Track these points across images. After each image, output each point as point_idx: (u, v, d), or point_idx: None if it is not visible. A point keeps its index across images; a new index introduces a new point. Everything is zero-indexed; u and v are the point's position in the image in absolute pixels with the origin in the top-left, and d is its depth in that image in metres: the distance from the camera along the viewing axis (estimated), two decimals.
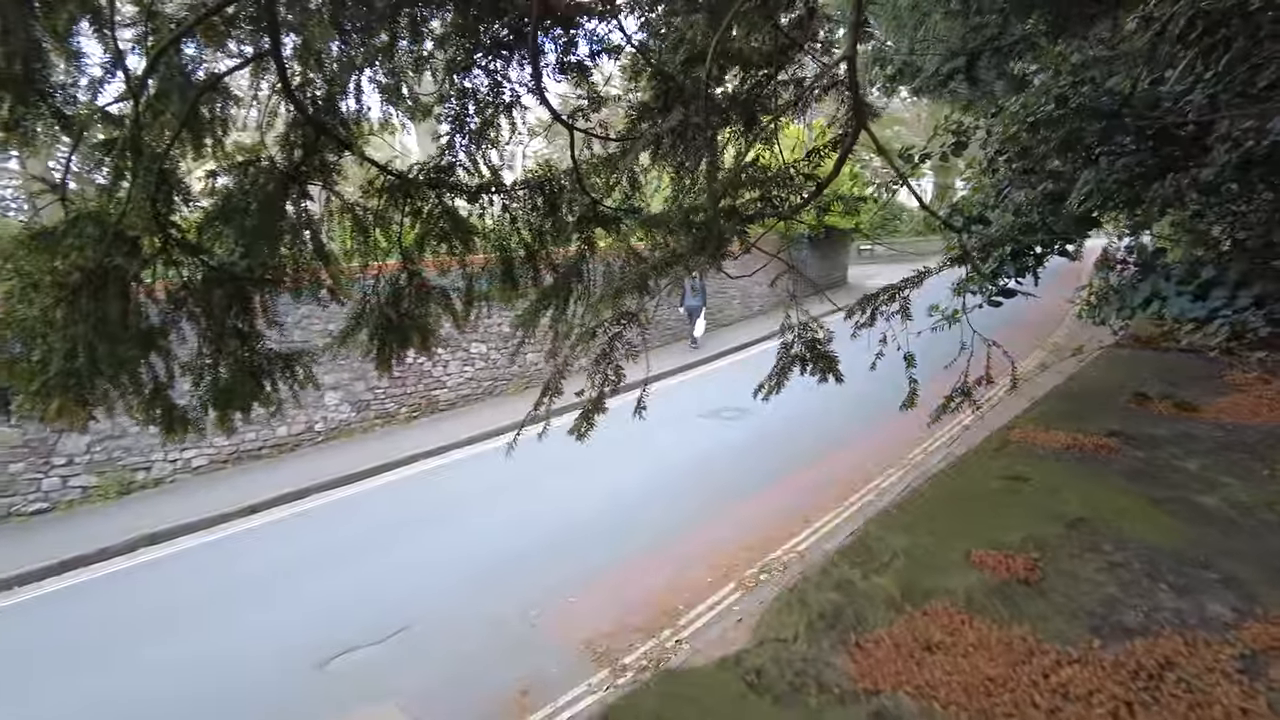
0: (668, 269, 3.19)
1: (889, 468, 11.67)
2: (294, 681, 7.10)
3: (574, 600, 8.15)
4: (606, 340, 3.25)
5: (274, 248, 3.02)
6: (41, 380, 2.40)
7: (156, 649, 7.87)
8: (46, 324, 2.39)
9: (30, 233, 2.41)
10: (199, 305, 2.80)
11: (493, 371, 17.66)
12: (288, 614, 8.36)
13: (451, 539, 10.06)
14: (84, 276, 2.41)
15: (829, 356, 3.51)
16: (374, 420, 15.52)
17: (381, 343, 3.46)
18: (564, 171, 3.60)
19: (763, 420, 14.17)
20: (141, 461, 12.65)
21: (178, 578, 9.73)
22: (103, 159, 2.70)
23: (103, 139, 2.74)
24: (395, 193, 3.29)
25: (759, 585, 8.25)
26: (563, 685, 6.82)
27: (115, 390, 2.79)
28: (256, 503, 11.72)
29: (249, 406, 3.31)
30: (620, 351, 3.46)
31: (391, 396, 15.75)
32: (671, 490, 11.20)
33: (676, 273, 3.33)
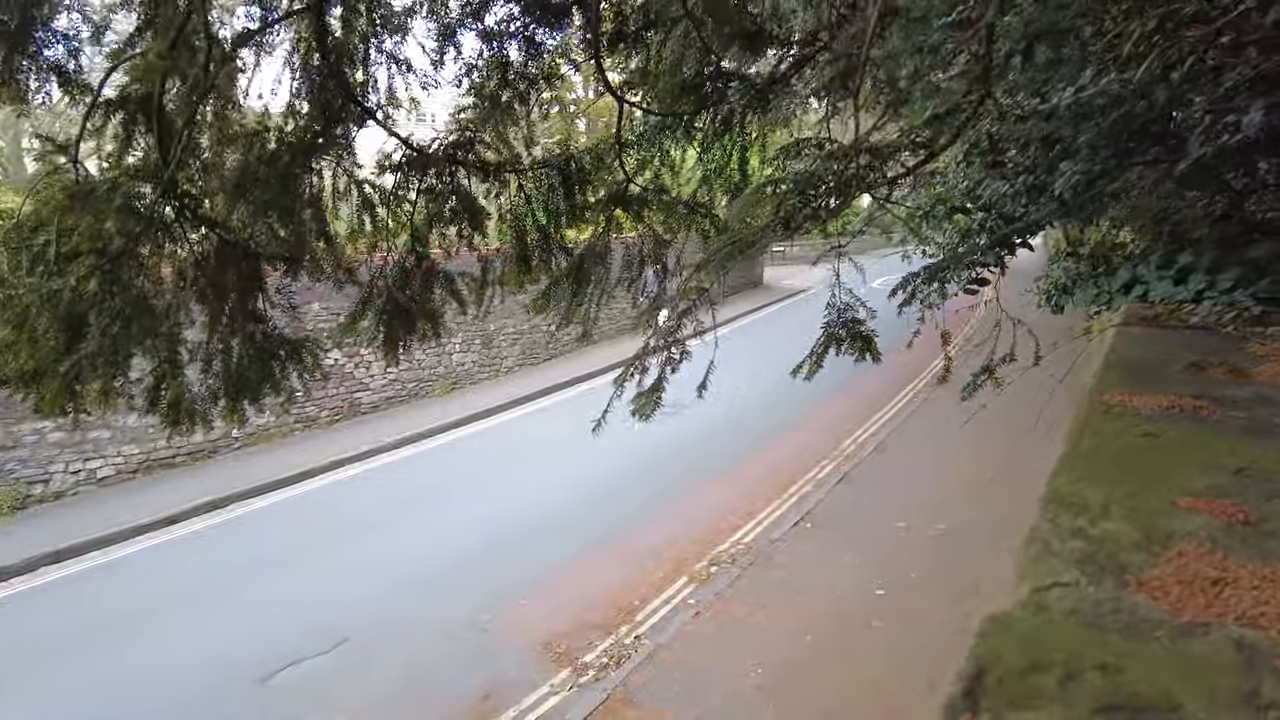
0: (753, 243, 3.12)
1: (822, 460, 11.96)
2: (236, 698, 6.69)
3: (526, 602, 7.99)
4: (676, 317, 3.15)
5: (291, 224, 2.80)
6: (71, 362, 2.12)
7: (76, 671, 7.27)
8: (77, 297, 2.13)
9: (71, 191, 2.13)
10: (212, 282, 2.55)
11: (418, 373, 17.15)
12: (223, 628, 7.87)
13: (390, 544, 9.70)
14: (127, 243, 2.15)
15: (867, 337, 3.54)
16: (294, 425, 14.81)
17: (388, 329, 3.27)
18: (584, 150, 3.50)
19: (699, 417, 14.23)
20: (38, 474, 11.65)
21: (93, 595, 9.00)
22: (112, 119, 2.44)
23: (114, 97, 2.47)
24: (412, 168, 3.11)
25: (711, 578, 8.30)
26: (524, 687, 6.67)
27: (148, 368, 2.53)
28: (175, 513, 10.98)
29: (262, 393, 3.06)
30: (689, 329, 3.35)
31: (312, 400, 15.06)
32: (614, 488, 11.14)
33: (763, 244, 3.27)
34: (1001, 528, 8.77)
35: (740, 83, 3.18)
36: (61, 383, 2.17)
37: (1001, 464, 10.85)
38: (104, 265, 2.12)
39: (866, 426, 13.45)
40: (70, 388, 2.20)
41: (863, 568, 8.14)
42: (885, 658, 6.51)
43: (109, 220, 2.06)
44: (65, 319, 2.12)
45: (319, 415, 15.23)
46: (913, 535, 8.84)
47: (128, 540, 10.52)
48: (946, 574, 7.83)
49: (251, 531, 10.65)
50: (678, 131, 3.35)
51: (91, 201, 2.08)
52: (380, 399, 16.39)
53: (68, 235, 2.13)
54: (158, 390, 2.67)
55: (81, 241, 2.09)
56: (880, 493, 10.24)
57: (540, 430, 14.77)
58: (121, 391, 2.41)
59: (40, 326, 2.12)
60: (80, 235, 2.07)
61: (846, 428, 13.40)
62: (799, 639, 6.90)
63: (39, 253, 2.21)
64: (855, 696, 6.04)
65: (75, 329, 2.20)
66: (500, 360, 19.20)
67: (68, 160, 2.44)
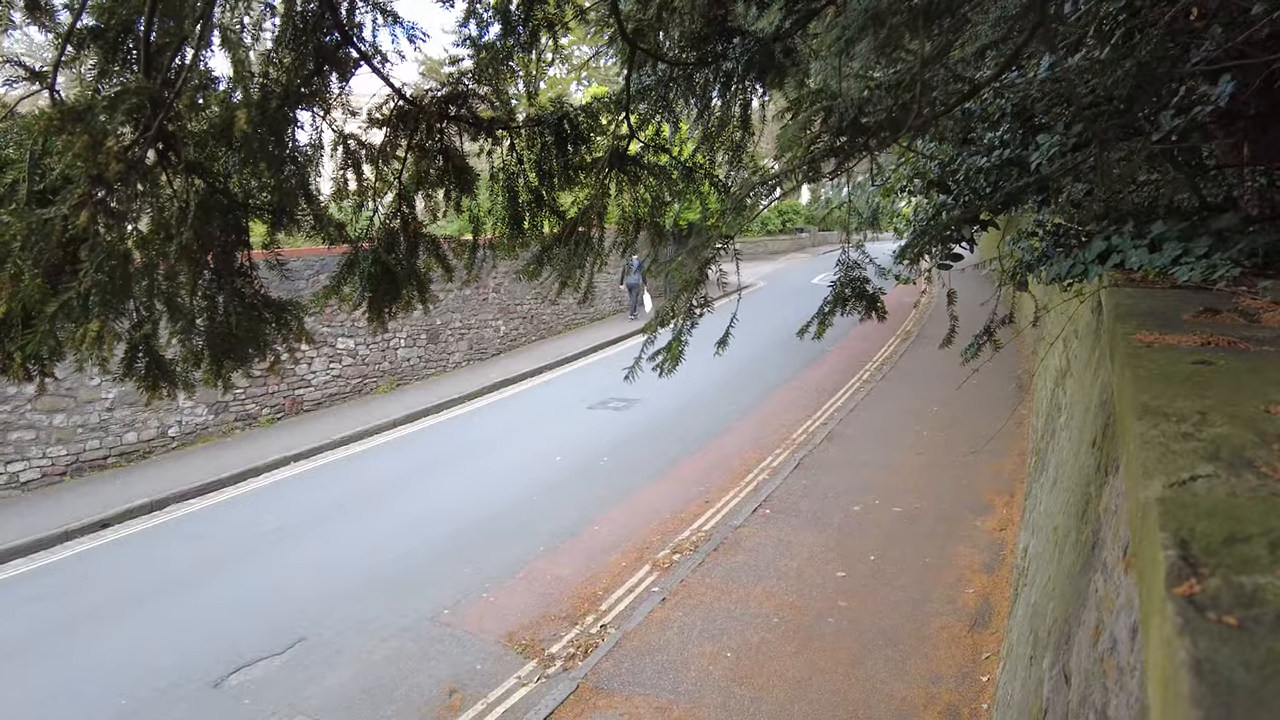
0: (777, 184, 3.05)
1: (775, 448, 12.06)
2: (186, 703, 6.39)
3: (489, 596, 7.83)
4: (697, 269, 3.07)
5: (279, 175, 2.62)
6: (61, 301, 1.90)
7: (10, 683, 6.84)
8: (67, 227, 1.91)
9: (62, 110, 1.91)
10: (196, 233, 2.35)
11: (362, 369, 16.70)
12: (168, 632, 7.51)
13: (343, 542, 9.40)
14: (126, 167, 1.94)
15: (873, 296, 3.53)
16: (234, 423, 14.25)
17: (374, 294, 3.10)
18: (580, 108, 3.38)
19: (650, 408, 14.28)
20: None
21: (21, 603, 8.49)
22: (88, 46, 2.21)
23: (91, 24, 2.25)
24: (403, 122, 2.96)
25: (674, 565, 8.27)
26: (491, 680, 6.54)
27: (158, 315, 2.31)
28: (108, 516, 10.44)
29: (249, 356, 2.85)
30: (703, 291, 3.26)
31: (253, 397, 14.53)
32: (570, 480, 11.03)
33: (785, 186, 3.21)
34: (950, 509, 9.02)
35: (744, 38, 3.14)
36: (49, 326, 1.96)
37: (943, 448, 11.15)
38: (99, 194, 1.92)
39: (816, 416, 13.62)
40: (54, 333, 2.00)
41: (823, 550, 8.22)
42: (852, 637, 6.58)
43: (109, 140, 1.87)
44: (55, 254, 1.93)
45: (260, 413, 14.71)
46: (868, 518, 8.98)
47: (56, 546, 9.98)
48: (904, 554, 7.98)
49: (193, 533, 10.20)
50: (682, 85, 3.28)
51: (87, 120, 1.88)
52: (324, 396, 15.91)
53: (56, 160, 1.93)
54: (134, 350, 2.47)
55: (73, 167, 1.89)
56: (834, 478, 10.37)
57: (492, 425, 14.55)
58: (120, 335, 2.22)
59: (25, 262, 1.92)
60: (75, 159, 1.87)
61: (797, 417, 13.55)
62: (767, 621, 6.93)
63: (7, 190, 2.01)
64: (825, 675, 6.08)
65: (62, 267, 2.00)
66: (447, 356, 18.84)
67: (44, 87, 2.23)
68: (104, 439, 12.32)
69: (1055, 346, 8.04)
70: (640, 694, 6.08)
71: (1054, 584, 3.24)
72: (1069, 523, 3.18)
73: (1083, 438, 3.53)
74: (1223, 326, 1.87)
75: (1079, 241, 3.89)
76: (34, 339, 1.99)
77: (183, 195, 2.26)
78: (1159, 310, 2.21)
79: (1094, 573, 1.96)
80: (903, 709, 5.67)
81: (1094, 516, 2.29)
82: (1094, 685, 1.49)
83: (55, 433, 11.81)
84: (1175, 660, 0.59)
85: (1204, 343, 1.67)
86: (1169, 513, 0.81)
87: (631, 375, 3.47)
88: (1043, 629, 3.18)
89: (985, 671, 5.98)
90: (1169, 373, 1.40)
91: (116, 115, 1.96)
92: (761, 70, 3.13)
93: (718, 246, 3.10)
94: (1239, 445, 1.00)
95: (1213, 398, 1.22)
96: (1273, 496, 0.84)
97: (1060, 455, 5.11)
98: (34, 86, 2.24)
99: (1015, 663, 4.57)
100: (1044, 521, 5.17)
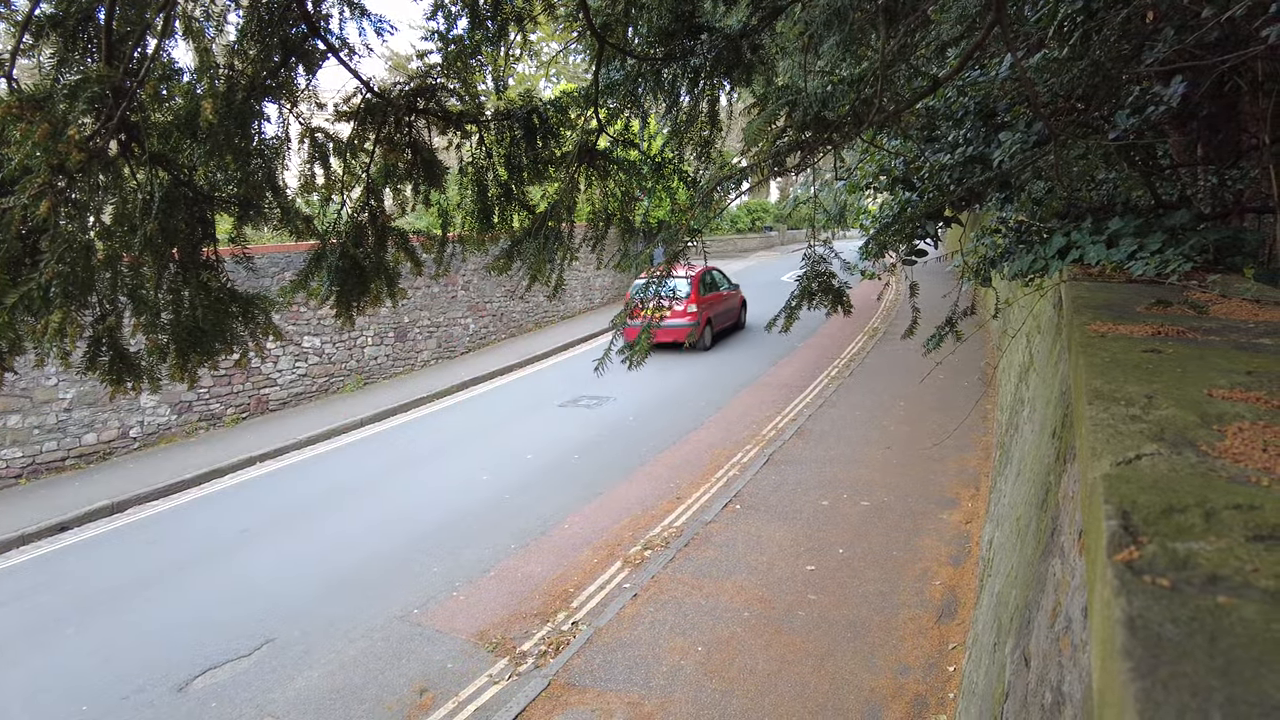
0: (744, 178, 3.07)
1: (745, 444, 12.15)
2: (151, 708, 6.28)
3: (458, 595, 7.80)
4: (663, 264, 3.08)
5: (246, 167, 2.58)
6: (21, 292, 1.86)
7: None
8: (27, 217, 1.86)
9: (20, 97, 1.85)
10: (161, 226, 2.30)
11: (327, 367, 16.50)
12: (130, 637, 7.37)
13: (307, 545, 9.29)
14: (88, 157, 1.90)
15: (839, 290, 3.58)
16: (198, 423, 14.01)
17: (341, 288, 3.07)
18: (549, 102, 3.38)
19: (621, 406, 14.31)
20: None
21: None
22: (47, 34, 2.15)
23: (49, 12, 2.19)
24: (371, 115, 2.93)
25: (645, 562, 8.31)
26: (462, 679, 6.51)
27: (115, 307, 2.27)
28: (67, 519, 10.22)
29: (215, 350, 2.80)
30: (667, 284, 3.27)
31: (216, 397, 14.29)
32: (540, 479, 11.00)
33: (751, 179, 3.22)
34: (917, 503, 9.16)
35: (711, 34, 3.17)
36: (8, 318, 1.91)
37: (910, 443, 11.32)
38: (60, 184, 1.89)
39: (785, 412, 13.73)
40: (13, 324, 1.95)
41: (792, 545, 8.31)
42: (821, 630, 6.66)
43: (71, 129, 1.83)
44: (14, 246, 1.89)
45: (224, 413, 14.49)
46: (837, 512, 9.09)
47: (11, 550, 9.76)
48: (872, 548, 8.09)
49: (156, 535, 10.02)
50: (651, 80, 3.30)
51: (47, 108, 1.84)
52: (289, 395, 15.71)
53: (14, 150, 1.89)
54: (98, 344, 2.42)
55: (32, 157, 1.85)
56: (803, 473, 10.47)
57: (461, 424, 14.46)
58: (83, 328, 2.17)
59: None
60: (34, 148, 1.83)
61: (767, 413, 13.66)
62: (737, 616, 6.98)
63: None
64: (796, 668, 6.15)
65: (21, 259, 1.96)
66: (415, 354, 18.70)
67: (1, 75, 2.18)
68: (61, 440, 12.05)
69: (1018, 341, 8.20)
70: (612, 690, 6.10)
71: (1016, 572, 3.32)
72: (1030, 512, 3.26)
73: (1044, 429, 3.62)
74: (1173, 317, 1.94)
75: (1040, 238, 3.98)
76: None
77: (146, 187, 2.23)
78: (1114, 302, 2.28)
79: (1052, 558, 2.02)
80: (871, 700, 5.75)
81: (1053, 504, 2.36)
82: (1050, 664, 1.54)
83: (9, 434, 11.53)
84: (1112, 619, 0.62)
85: (1155, 332, 1.73)
86: (1113, 488, 0.85)
87: (601, 367, 3.49)
88: (1005, 616, 3.26)
89: (952, 661, 6.09)
90: (1121, 360, 1.45)
91: (77, 104, 1.92)
92: (729, 66, 3.16)
93: (686, 240, 3.13)
94: (1182, 426, 1.05)
95: (1160, 383, 1.27)
96: (1210, 472, 0.88)
97: (1023, 448, 5.21)
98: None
99: (980, 651, 4.66)
100: (1008, 513, 5.27)
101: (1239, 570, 0.65)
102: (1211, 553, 0.68)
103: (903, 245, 4.42)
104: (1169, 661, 0.54)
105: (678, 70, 3.20)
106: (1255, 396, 1.17)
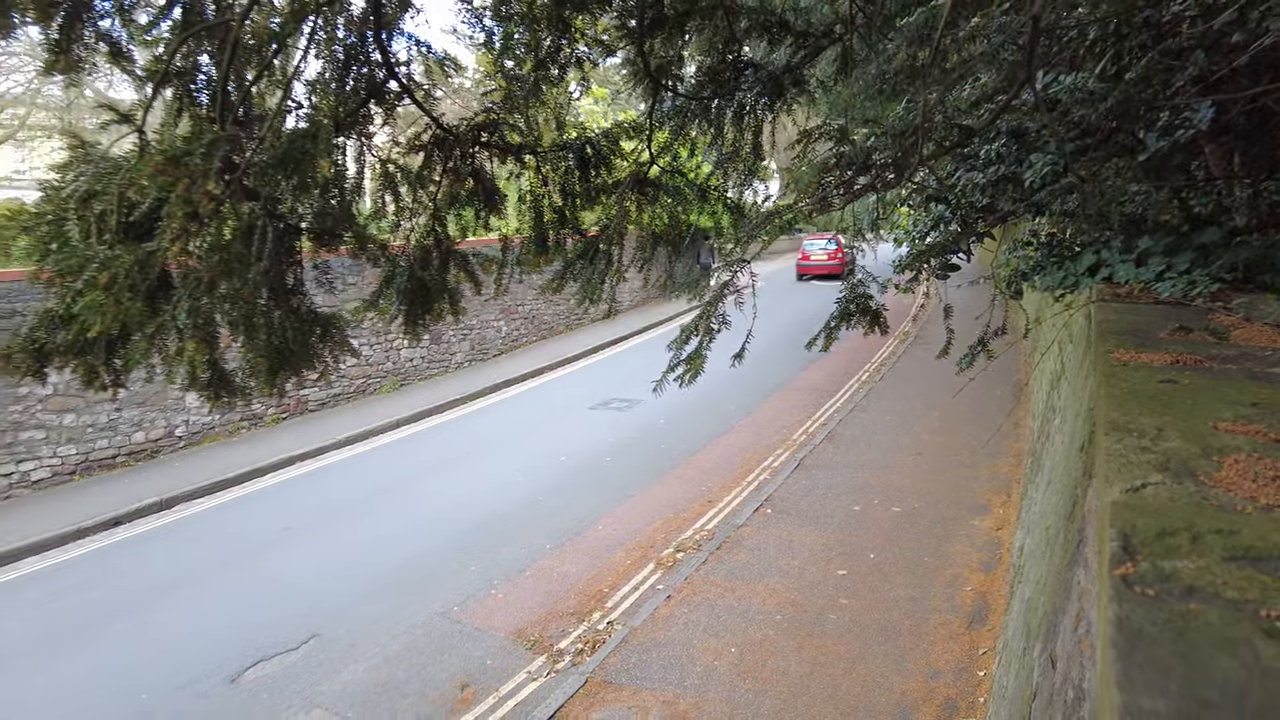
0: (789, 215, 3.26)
1: (776, 449, 12.26)
2: (206, 698, 6.58)
3: (496, 593, 8.03)
4: (719, 287, 3.27)
5: (330, 199, 2.81)
6: (158, 322, 2.11)
7: (36, 677, 7.04)
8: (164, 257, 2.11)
9: (165, 156, 2.10)
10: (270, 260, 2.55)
11: (365, 370, 16.89)
12: (183, 630, 7.70)
13: (347, 543, 9.59)
14: (216, 205, 2.15)
15: (876, 311, 3.74)
16: (239, 423, 14.44)
17: (409, 307, 3.30)
18: (601, 133, 3.59)
19: (652, 409, 14.46)
20: None
21: (39, 600, 8.67)
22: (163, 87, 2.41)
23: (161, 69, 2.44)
24: (439, 149, 3.16)
25: (678, 564, 8.47)
26: (502, 675, 6.73)
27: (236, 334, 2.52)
28: (120, 514, 10.63)
29: (302, 366, 3.05)
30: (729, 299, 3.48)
31: (257, 397, 14.70)
32: (574, 480, 11.22)
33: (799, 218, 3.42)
34: (948, 509, 9.23)
35: (756, 70, 3.35)
36: (147, 344, 2.16)
37: (942, 450, 11.36)
38: (192, 228, 2.13)
39: (816, 417, 13.82)
40: (150, 350, 2.20)
41: (824, 549, 8.43)
42: (853, 633, 6.79)
43: (210, 183, 2.08)
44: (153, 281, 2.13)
45: (265, 413, 14.90)
46: (868, 517, 9.19)
47: (69, 544, 10.16)
48: (903, 553, 8.19)
49: (202, 532, 10.39)
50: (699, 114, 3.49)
51: (184, 165, 2.08)
52: (328, 396, 16.11)
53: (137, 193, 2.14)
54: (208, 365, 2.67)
55: (172, 204, 2.09)
56: (835, 478, 10.58)
57: (495, 425, 14.73)
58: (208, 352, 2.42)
59: (128, 288, 2.12)
60: (177, 198, 2.07)
61: (798, 418, 13.76)
62: (770, 618, 7.13)
63: (99, 219, 2.21)
64: (828, 670, 6.29)
65: (155, 291, 2.21)
66: (449, 356, 19.05)
67: (132, 129, 2.43)
68: (113, 438, 12.51)
69: (1051, 350, 8.25)
70: (647, 688, 6.28)
71: (1045, 580, 3.45)
72: (1059, 522, 3.38)
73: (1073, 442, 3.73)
74: (1193, 344, 2.07)
75: (1070, 253, 4.10)
76: (133, 355, 2.19)
77: (246, 221, 2.46)
78: (1139, 327, 2.41)
79: (1077, 568, 2.15)
80: (902, 703, 5.87)
81: (1080, 516, 2.49)
82: (1074, 664, 1.68)
83: (65, 432, 11.99)
84: (1106, 619, 0.78)
85: (1173, 361, 1.87)
86: (1117, 513, 1.01)
87: (659, 388, 3.68)
88: (1034, 621, 3.38)
89: (982, 666, 6.19)
90: (1138, 391, 1.59)
91: (212, 160, 2.15)
92: (772, 99, 3.34)
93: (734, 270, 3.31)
94: (1185, 457, 1.20)
95: (1171, 414, 1.42)
96: (1203, 500, 1.03)
97: (1054, 457, 5.31)
98: (125, 128, 2.44)
99: (1010, 656, 4.77)
100: (1038, 521, 5.37)
101: (1211, 584, 0.81)
102: (1192, 569, 0.84)
103: (936, 261, 4.55)
104: (1143, 648, 0.70)
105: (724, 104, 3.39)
106: (1255, 430, 1.31)
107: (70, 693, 6.79)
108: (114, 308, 2.11)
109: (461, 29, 7.32)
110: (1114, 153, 3.99)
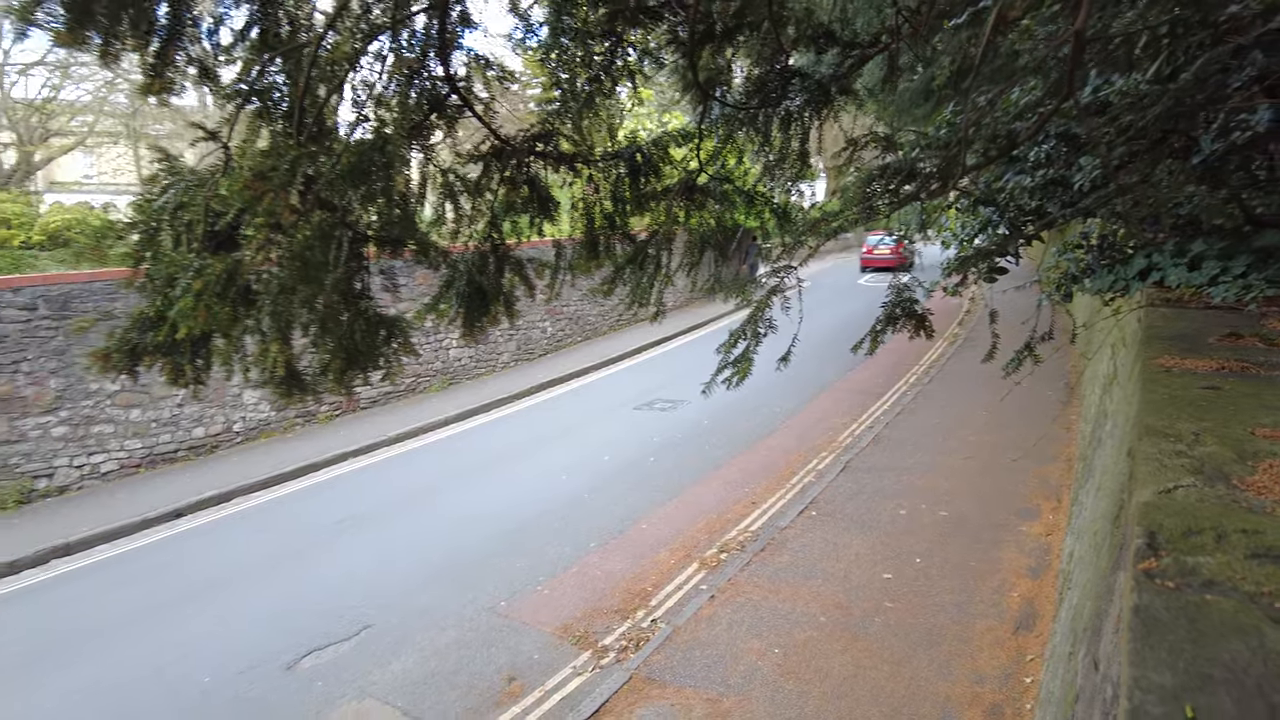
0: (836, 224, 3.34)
1: (821, 452, 12.21)
2: (264, 684, 6.85)
3: (542, 589, 8.18)
4: (765, 293, 3.37)
5: (395, 208, 2.98)
6: (244, 325, 2.30)
7: (103, 660, 7.39)
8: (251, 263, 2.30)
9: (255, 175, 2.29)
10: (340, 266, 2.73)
11: (415, 368, 17.26)
12: (239, 618, 8.01)
13: (401, 536, 9.85)
14: (297, 216, 2.33)
15: (921, 316, 3.79)
16: (294, 420, 14.90)
17: (467, 310, 3.45)
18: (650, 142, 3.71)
19: (695, 410, 14.50)
20: (42, 468, 11.69)
21: (107, 587, 9.10)
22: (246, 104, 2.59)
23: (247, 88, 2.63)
24: (496, 158, 3.30)
25: (721, 564, 8.53)
26: (547, 669, 6.87)
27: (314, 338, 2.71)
28: (181, 506, 11.07)
29: (366, 366, 3.23)
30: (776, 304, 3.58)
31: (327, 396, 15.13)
32: (618, 480, 11.33)
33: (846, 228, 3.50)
34: (996, 513, 9.12)
35: (802, 79, 3.42)
36: (233, 345, 2.34)
37: (990, 453, 11.21)
38: (275, 238, 2.30)
39: (862, 419, 13.73)
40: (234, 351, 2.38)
41: (869, 552, 8.40)
42: (898, 637, 6.77)
43: (292, 196, 2.25)
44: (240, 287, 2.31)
45: (318, 411, 15.32)
46: (914, 521, 9.12)
47: (135, 534, 10.61)
48: (950, 557, 8.12)
49: (259, 525, 10.76)
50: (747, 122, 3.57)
51: (269, 180, 2.25)
52: (379, 394, 16.49)
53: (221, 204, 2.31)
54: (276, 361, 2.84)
55: (260, 217, 2.26)
56: (881, 481, 10.52)
57: (540, 424, 14.93)
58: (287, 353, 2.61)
59: (215, 294, 2.30)
60: (264, 213, 2.25)
61: (843, 420, 13.68)
62: (813, 620, 7.15)
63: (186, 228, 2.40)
64: (871, 672, 6.29)
65: (239, 297, 2.39)
66: (496, 356, 19.34)
67: (219, 145, 2.62)
68: (175, 433, 13.01)
69: (1103, 352, 8.11)
70: (691, 686, 6.36)
71: (1090, 584, 3.44)
72: (1105, 526, 3.37)
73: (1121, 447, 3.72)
74: (1241, 350, 2.08)
75: (1122, 256, 4.06)
76: (220, 355, 2.37)
77: (322, 230, 2.62)
78: (1188, 332, 2.41)
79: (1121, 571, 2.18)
80: (947, 706, 5.85)
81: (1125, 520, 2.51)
82: (1113, 663, 1.72)
83: (131, 427, 12.51)
84: (1127, 607, 0.84)
85: (1219, 368, 1.89)
86: (1146, 513, 1.06)
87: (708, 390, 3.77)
88: (1079, 626, 3.39)
89: (1029, 673, 6.13)
90: (1179, 397, 1.63)
91: (295, 175, 2.31)
92: (818, 107, 3.40)
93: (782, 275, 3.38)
94: (1220, 462, 1.24)
95: (1210, 420, 1.45)
96: (1233, 502, 1.08)
97: (1104, 461, 5.25)
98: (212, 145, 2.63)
99: (1056, 661, 4.75)
100: (1087, 526, 5.32)
101: (1230, 578, 0.86)
102: (1213, 565, 0.89)
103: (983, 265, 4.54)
104: (1157, 632, 0.76)
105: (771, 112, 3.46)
106: None
107: (138, 675, 7.11)
108: (204, 312, 2.28)
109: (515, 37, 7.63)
110: (1167, 154, 3.95)
